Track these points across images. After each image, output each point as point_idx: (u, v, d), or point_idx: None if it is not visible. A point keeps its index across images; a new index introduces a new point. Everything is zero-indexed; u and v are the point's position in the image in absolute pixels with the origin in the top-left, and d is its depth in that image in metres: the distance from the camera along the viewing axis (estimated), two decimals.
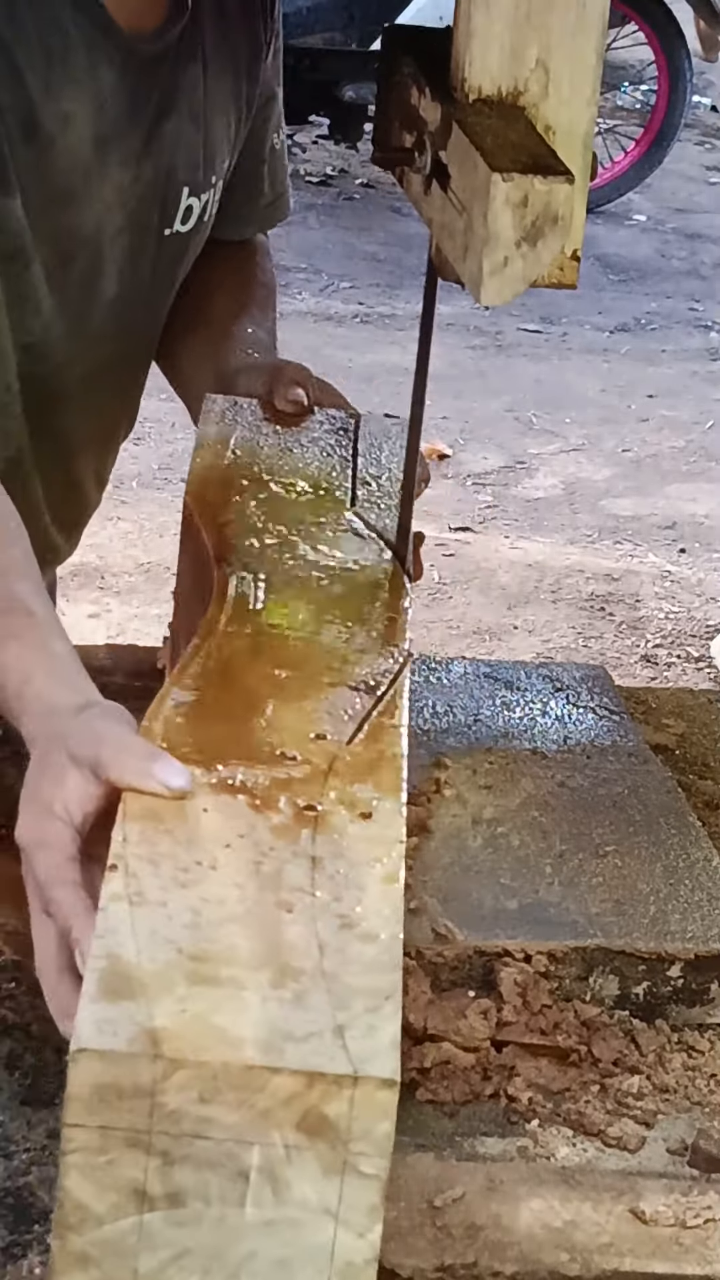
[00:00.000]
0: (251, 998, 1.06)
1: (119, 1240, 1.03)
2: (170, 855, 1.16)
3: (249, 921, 1.12)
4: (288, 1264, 1.04)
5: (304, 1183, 1.03)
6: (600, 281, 7.54)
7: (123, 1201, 1.02)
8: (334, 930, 1.12)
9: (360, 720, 1.33)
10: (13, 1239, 1.22)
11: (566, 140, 1.37)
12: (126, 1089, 1.01)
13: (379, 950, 1.11)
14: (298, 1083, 1.01)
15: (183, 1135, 1.02)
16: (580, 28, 1.37)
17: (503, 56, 1.37)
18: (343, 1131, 1.02)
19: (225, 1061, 1.01)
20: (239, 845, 1.18)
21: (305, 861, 1.17)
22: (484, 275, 1.30)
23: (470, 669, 1.88)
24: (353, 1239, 1.04)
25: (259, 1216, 1.03)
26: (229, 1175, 1.02)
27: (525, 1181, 1.28)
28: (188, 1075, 1.01)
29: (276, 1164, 1.02)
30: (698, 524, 5.53)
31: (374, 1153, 1.03)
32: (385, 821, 1.22)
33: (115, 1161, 1.02)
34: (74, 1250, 1.03)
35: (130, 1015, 1.03)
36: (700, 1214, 1.25)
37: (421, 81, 1.47)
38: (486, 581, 5.04)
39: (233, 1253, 1.04)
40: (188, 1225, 1.03)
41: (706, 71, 9.59)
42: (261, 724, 1.32)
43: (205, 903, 1.13)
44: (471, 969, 1.44)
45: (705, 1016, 1.47)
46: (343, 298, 7.16)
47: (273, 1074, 1.01)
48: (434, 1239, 1.21)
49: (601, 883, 1.53)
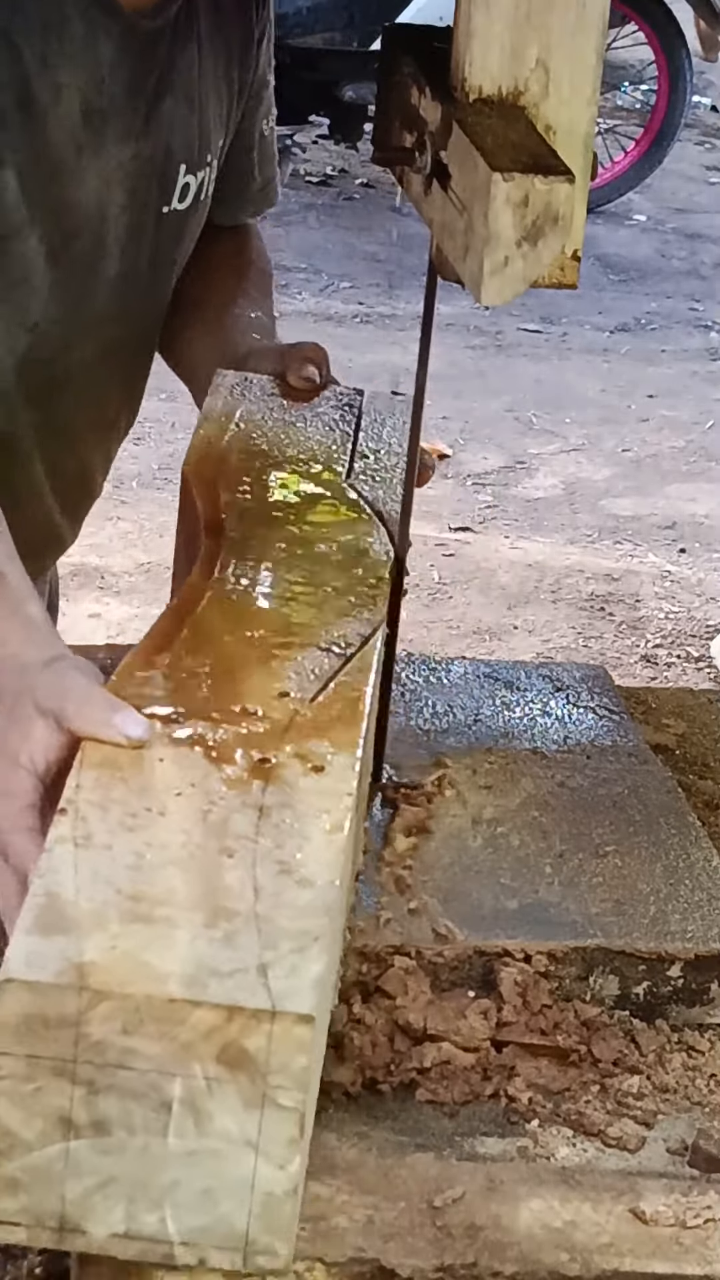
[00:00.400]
0: (182, 936, 1.09)
1: (46, 1167, 1.06)
2: (121, 801, 1.20)
3: (190, 865, 1.15)
4: (210, 1194, 1.07)
5: (225, 1114, 1.06)
6: (600, 281, 7.54)
7: (49, 1129, 1.06)
8: (272, 875, 1.15)
9: (325, 680, 1.35)
10: None
11: (567, 140, 1.37)
12: (53, 1019, 1.05)
13: (314, 895, 1.14)
14: (218, 1016, 1.05)
15: (107, 1065, 1.05)
16: (580, 28, 1.37)
17: (503, 56, 1.38)
18: (262, 1065, 1.05)
19: (148, 994, 1.05)
20: (189, 794, 1.21)
21: (253, 811, 1.20)
22: (484, 275, 1.30)
23: (470, 669, 1.88)
24: (273, 1170, 1.06)
25: (181, 1147, 1.06)
26: (152, 1106, 1.06)
27: (525, 1181, 1.28)
28: (112, 1007, 1.05)
29: (198, 1095, 1.06)
30: (698, 524, 5.53)
31: (292, 1086, 1.05)
32: (338, 776, 1.25)
33: (42, 1090, 1.05)
34: (3, 1175, 1.06)
35: (61, 950, 1.07)
36: (700, 1214, 1.25)
37: (421, 81, 1.47)
38: (486, 581, 5.04)
39: (156, 1182, 1.07)
40: (112, 1154, 1.06)
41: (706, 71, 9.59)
42: (228, 681, 1.34)
43: (149, 846, 1.16)
44: (471, 969, 1.44)
45: (705, 1016, 1.47)
46: (343, 298, 7.16)
47: (194, 1007, 1.05)
48: (434, 1239, 1.21)
49: (601, 883, 1.53)
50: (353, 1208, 1.22)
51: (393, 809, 1.60)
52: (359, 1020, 1.39)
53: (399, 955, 1.42)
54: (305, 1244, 1.18)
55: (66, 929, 1.09)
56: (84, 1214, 1.07)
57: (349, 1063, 1.37)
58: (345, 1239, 1.20)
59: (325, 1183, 1.24)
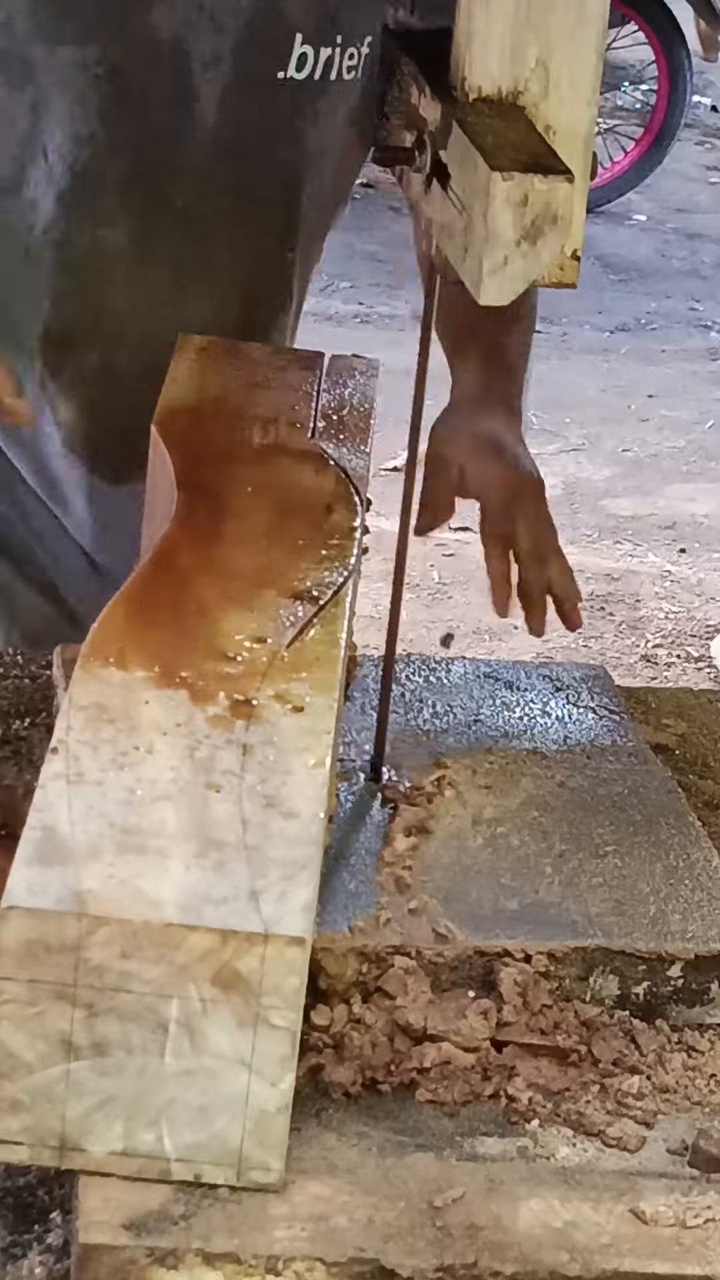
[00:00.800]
0: (175, 866, 1.15)
1: (48, 1087, 1.12)
2: (110, 741, 1.25)
3: (179, 800, 1.20)
4: (206, 1111, 1.13)
5: (219, 1034, 1.11)
6: (600, 281, 7.54)
7: (51, 1051, 1.11)
8: (258, 808, 1.20)
9: (300, 626, 1.40)
10: (13, 1239, 1.22)
11: (566, 140, 1.37)
12: (54, 945, 1.10)
13: (300, 827, 1.20)
14: (213, 940, 1.10)
15: (106, 989, 1.11)
16: (580, 27, 1.37)
17: (503, 56, 1.38)
18: (255, 986, 1.11)
19: (146, 920, 1.10)
20: (176, 733, 1.26)
21: (237, 749, 1.25)
22: (484, 275, 1.30)
23: (470, 669, 1.88)
24: (265, 1088, 1.12)
25: (178, 1066, 1.12)
26: (149, 1027, 1.11)
27: (525, 1181, 1.28)
28: (110, 932, 1.10)
29: (193, 1016, 1.11)
30: (698, 524, 5.53)
31: (284, 1006, 1.11)
32: (317, 715, 1.30)
33: (44, 1013, 1.11)
34: (6, 1097, 1.12)
35: (60, 878, 1.12)
36: (700, 1214, 1.25)
37: (421, 81, 1.47)
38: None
39: (154, 1100, 1.12)
40: (111, 1074, 1.12)
41: (706, 71, 9.57)
42: (206, 628, 1.39)
43: (140, 782, 1.21)
44: (471, 969, 1.44)
45: (705, 1016, 1.47)
46: (343, 298, 7.16)
47: (190, 931, 1.10)
48: (434, 1239, 1.21)
49: (601, 883, 1.53)
50: (353, 1208, 1.22)
51: (393, 809, 1.60)
52: (359, 1020, 1.39)
53: (399, 955, 1.42)
54: (305, 1244, 1.18)
55: (64, 860, 1.13)
56: (84, 1133, 1.13)
57: (349, 1063, 1.37)
58: (345, 1239, 1.20)
59: (325, 1183, 1.24)
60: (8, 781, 1.66)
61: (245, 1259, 1.17)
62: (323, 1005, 1.40)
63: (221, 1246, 1.17)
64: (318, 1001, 1.40)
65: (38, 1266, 1.21)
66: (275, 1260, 1.17)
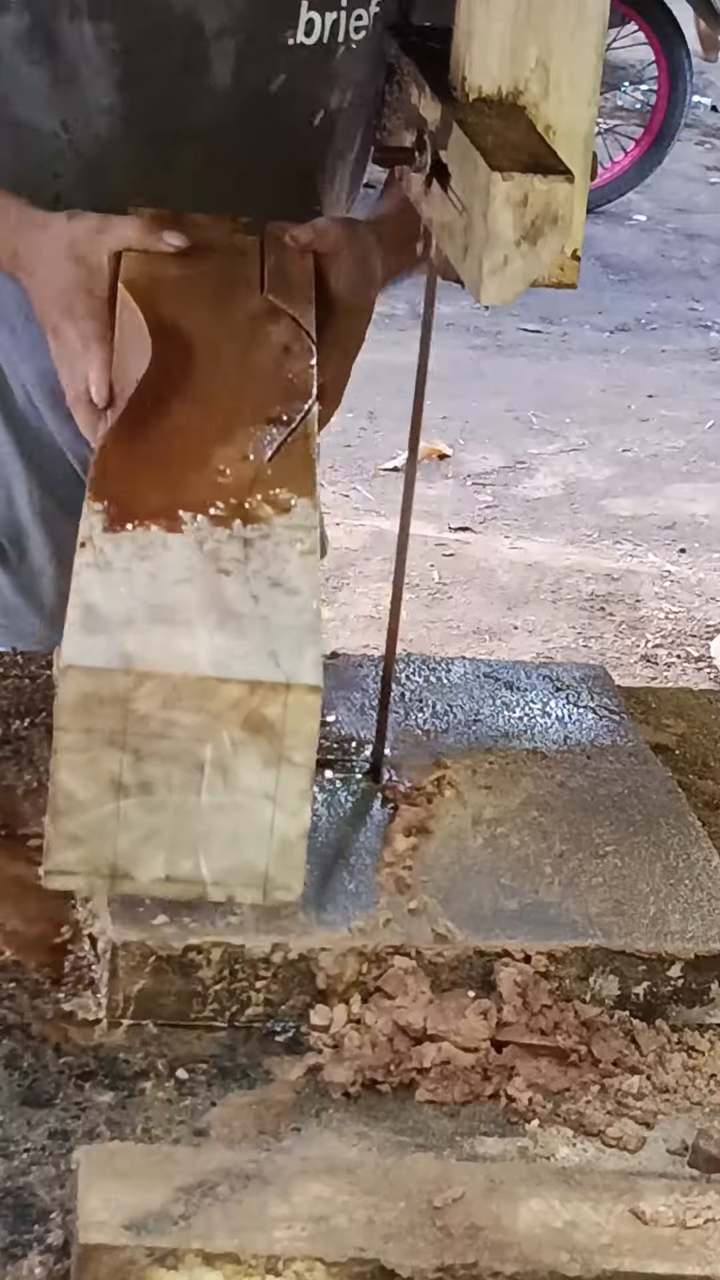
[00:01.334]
0: (202, 633, 1.29)
1: (101, 823, 1.25)
2: (130, 538, 1.39)
3: (197, 582, 1.34)
4: (236, 839, 1.26)
5: (248, 772, 1.25)
6: (600, 281, 7.54)
7: (103, 791, 1.25)
8: (265, 588, 1.35)
9: (277, 445, 1.54)
10: (13, 1239, 1.23)
11: (567, 140, 1.37)
12: (105, 698, 1.24)
13: (302, 601, 1.35)
14: (242, 690, 1.24)
15: (150, 735, 1.24)
16: (580, 27, 1.37)
17: (503, 56, 1.38)
18: (278, 729, 1.24)
19: (184, 673, 1.24)
20: (186, 530, 1.41)
21: (239, 542, 1.40)
22: (484, 275, 1.30)
23: (470, 669, 1.88)
24: (287, 819, 1.26)
25: (212, 801, 1.25)
26: (188, 768, 1.25)
27: (525, 1181, 1.27)
28: (154, 685, 1.24)
29: (226, 757, 1.25)
30: (698, 524, 5.53)
31: (304, 746, 1.25)
32: (302, 514, 1.45)
33: (97, 758, 1.24)
34: (65, 832, 1.25)
35: (107, 643, 1.26)
36: (700, 1214, 1.25)
37: (421, 81, 1.47)
38: (486, 581, 5.03)
39: (192, 831, 1.26)
40: (155, 810, 1.26)
41: (706, 71, 9.57)
42: (196, 451, 1.53)
43: (160, 568, 1.36)
44: (471, 969, 1.44)
45: (705, 1016, 1.47)
46: None
47: (222, 684, 1.24)
48: (434, 1239, 1.21)
49: (601, 883, 1.53)
50: (353, 1208, 1.22)
51: (393, 809, 1.60)
52: (359, 1020, 1.39)
53: (399, 955, 1.42)
54: (305, 1244, 1.18)
55: (108, 629, 1.27)
56: (132, 862, 1.26)
57: (349, 1063, 1.37)
58: (345, 1239, 1.20)
59: (325, 1183, 1.24)
60: (8, 781, 1.66)
61: (245, 1259, 1.17)
62: (322, 1005, 1.40)
63: (221, 1246, 1.17)
64: (317, 1001, 1.40)
65: (38, 1266, 1.21)
66: (275, 1260, 1.17)
